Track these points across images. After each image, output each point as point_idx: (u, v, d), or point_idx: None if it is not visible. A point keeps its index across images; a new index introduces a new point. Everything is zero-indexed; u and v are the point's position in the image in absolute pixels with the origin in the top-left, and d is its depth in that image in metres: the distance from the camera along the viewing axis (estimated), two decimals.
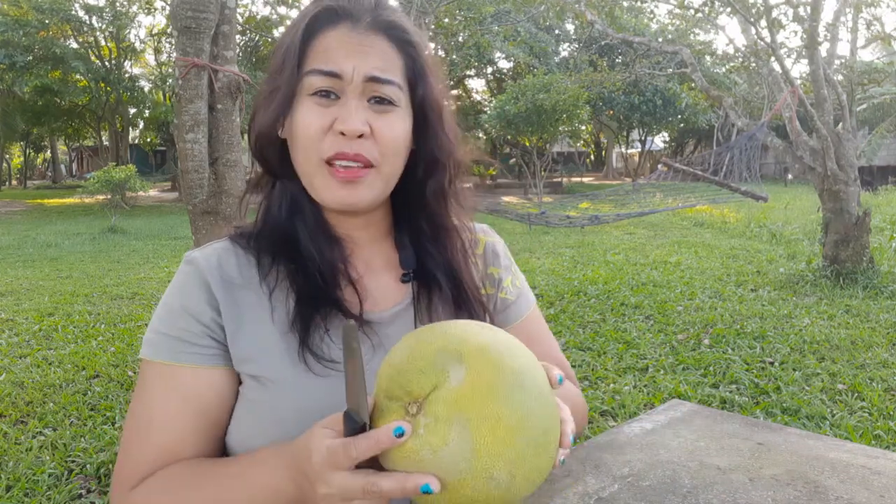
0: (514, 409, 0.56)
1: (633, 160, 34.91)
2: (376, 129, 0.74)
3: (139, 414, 0.75)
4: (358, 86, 0.73)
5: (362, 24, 0.75)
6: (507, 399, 0.56)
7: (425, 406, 0.57)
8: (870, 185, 18.07)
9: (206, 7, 2.66)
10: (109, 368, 3.98)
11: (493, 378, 0.57)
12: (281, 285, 0.77)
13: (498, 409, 0.56)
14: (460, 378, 0.57)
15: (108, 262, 8.57)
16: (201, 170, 2.74)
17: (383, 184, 0.77)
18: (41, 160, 42.84)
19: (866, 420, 3.11)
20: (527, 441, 0.57)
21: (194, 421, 0.74)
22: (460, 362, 0.58)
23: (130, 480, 0.73)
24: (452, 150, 0.82)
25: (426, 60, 0.78)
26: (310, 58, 0.74)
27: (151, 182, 22.59)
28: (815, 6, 5.91)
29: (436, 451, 0.55)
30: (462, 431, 0.55)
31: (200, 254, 0.80)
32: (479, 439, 0.55)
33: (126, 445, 0.75)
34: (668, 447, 0.88)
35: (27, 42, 19.42)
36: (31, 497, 2.51)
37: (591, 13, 7.80)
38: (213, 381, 0.75)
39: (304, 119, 0.74)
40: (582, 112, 16.88)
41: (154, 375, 0.75)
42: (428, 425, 0.56)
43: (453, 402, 0.56)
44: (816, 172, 6.02)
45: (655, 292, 5.92)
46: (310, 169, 0.75)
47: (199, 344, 0.75)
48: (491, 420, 0.56)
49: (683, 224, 12.01)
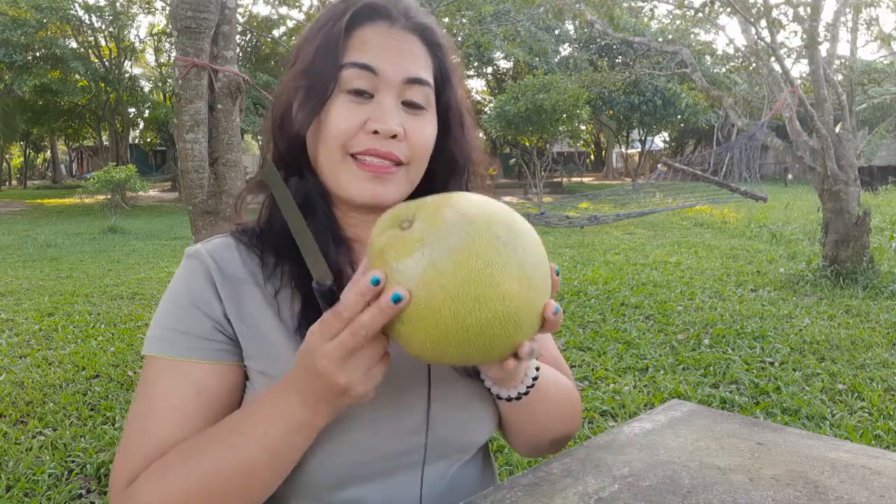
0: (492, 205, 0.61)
1: (633, 160, 34.91)
2: (409, 130, 0.74)
3: (141, 410, 0.73)
4: (396, 86, 0.74)
5: (399, 23, 0.76)
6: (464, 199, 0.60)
7: (416, 216, 0.59)
8: (870, 185, 18.06)
9: (206, 7, 2.67)
10: (109, 368, 3.98)
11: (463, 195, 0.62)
12: (286, 285, 0.76)
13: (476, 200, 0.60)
14: (437, 198, 0.61)
15: (108, 262, 8.57)
16: (201, 170, 2.74)
17: (409, 184, 0.77)
18: (41, 160, 42.85)
19: (866, 420, 3.11)
20: (517, 220, 0.60)
21: (201, 417, 0.72)
22: (437, 196, 0.62)
23: (128, 477, 0.70)
24: (471, 152, 0.83)
25: (452, 64, 0.80)
26: (348, 49, 0.74)
27: (151, 182, 22.63)
28: (815, 6, 5.91)
29: (439, 227, 0.57)
30: (456, 214, 0.57)
31: (203, 248, 0.79)
32: (473, 212, 0.57)
33: (125, 442, 0.73)
34: (668, 447, 0.88)
35: (26, 41, 19.43)
36: (31, 497, 2.51)
37: (590, 13, 7.81)
38: (222, 377, 0.74)
39: (338, 116, 0.73)
40: (582, 112, 16.91)
41: (159, 371, 0.73)
42: (423, 221, 0.58)
43: (435, 208, 0.59)
44: (816, 172, 6.02)
45: (655, 292, 5.92)
46: (335, 163, 0.74)
47: (207, 339, 0.73)
48: (475, 204, 0.59)
49: (683, 224, 12.01)
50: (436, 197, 0.61)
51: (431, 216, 0.58)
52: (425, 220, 0.58)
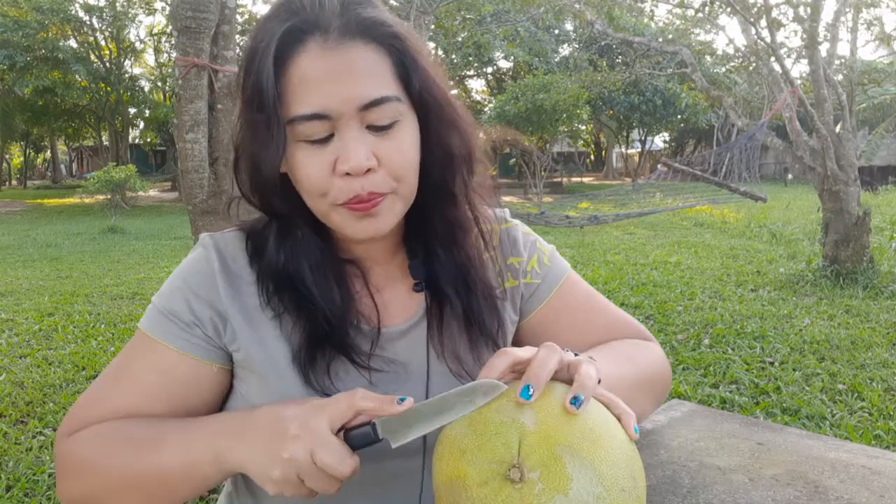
0: (593, 417, 0.55)
1: (633, 160, 34.89)
2: (383, 157, 0.67)
3: (113, 371, 0.75)
4: (353, 117, 0.65)
5: (333, 32, 0.65)
6: (582, 412, 0.55)
7: (524, 463, 0.52)
8: (870, 185, 18.05)
9: (206, 7, 2.67)
10: None
11: (559, 401, 0.56)
12: (288, 313, 0.75)
13: (583, 423, 0.54)
14: (533, 419, 0.54)
15: (108, 262, 8.57)
16: (201, 170, 2.74)
17: (403, 203, 0.71)
18: (41, 160, 42.82)
19: (866, 420, 3.11)
20: (617, 441, 0.55)
21: (164, 399, 0.73)
22: (521, 408, 0.55)
23: (75, 426, 0.73)
24: (466, 137, 0.74)
25: (414, 48, 0.69)
26: (288, 97, 0.65)
27: (151, 182, 22.61)
28: (815, 6, 5.91)
29: (567, 492, 0.51)
30: (574, 460, 0.52)
31: (213, 242, 0.78)
32: (592, 457, 0.52)
33: (88, 393, 0.75)
34: (668, 447, 0.88)
35: (27, 43, 19.43)
36: (31, 497, 2.51)
37: (590, 13, 7.80)
38: (193, 369, 0.74)
39: (303, 168, 0.67)
40: (582, 112, 16.90)
41: (140, 344, 0.75)
42: (542, 476, 0.52)
43: (545, 438, 0.53)
44: (816, 172, 6.02)
45: (655, 292, 5.92)
46: (322, 212, 0.70)
47: (185, 331, 0.74)
48: (587, 435, 0.53)
49: (683, 224, 12.01)
50: (537, 421, 0.54)
51: (549, 468, 0.52)
52: (545, 479, 0.52)
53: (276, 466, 0.60)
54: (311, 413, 0.62)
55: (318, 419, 0.61)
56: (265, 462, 0.61)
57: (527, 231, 0.89)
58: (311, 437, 0.60)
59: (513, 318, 0.85)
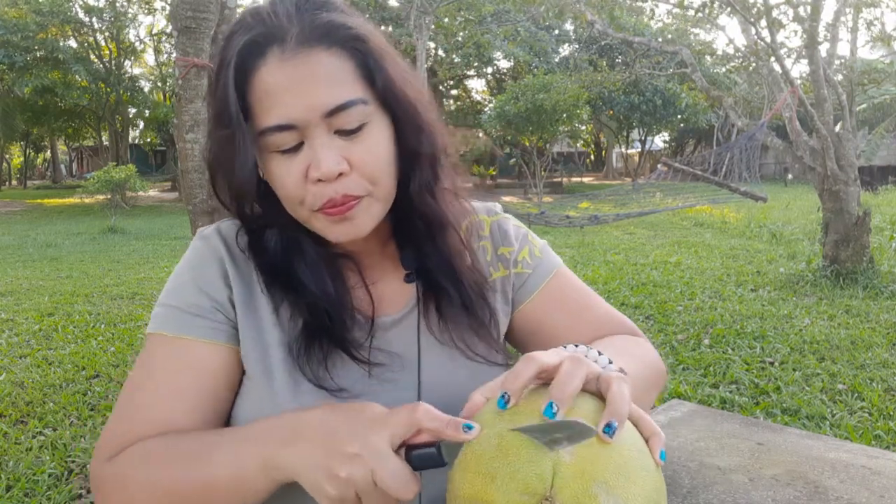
0: (627, 446, 0.54)
1: (633, 160, 34.89)
2: (355, 160, 0.67)
3: (136, 382, 0.72)
4: (319, 124, 0.66)
5: (290, 42, 0.65)
6: (616, 443, 0.54)
7: (556, 496, 0.51)
8: (870, 185, 18.05)
9: (206, 7, 2.67)
10: (109, 368, 3.98)
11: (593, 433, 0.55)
12: (286, 303, 0.75)
13: (619, 455, 0.53)
14: (570, 449, 0.53)
15: (108, 262, 8.57)
16: (201, 170, 2.74)
17: (381, 204, 0.72)
18: (41, 160, 42.82)
19: (866, 420, 3.11)
20: (649, 473, 0.54)
21: (196, 395, 0.71)
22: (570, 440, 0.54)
23: (110, 450, 0.69)
24: (434, 136, 0.74)
25: (377, 48, 0.69)
26: (256, 109, 0.66)
27: (151, 182, 22.63)
28: (815, 6, 5.91)
29: None
30: (609, 499, 0.51)
31: (214, 231, 0.78)
32: (626, 495, 0.52)
33: (117, 411, 0.72)
34: (668, 447, 0.88)
35: (26, 44, 19.45)
36: (31, 497, 2.51)
37: (590, 13, 7.80)
38: (220, 356, 0.73)
39: (278, 178, 0.68)
40: (582, 112, 16.89)
41: (157, 347, 0.73)
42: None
43: (581, 473, 0.52)
44: (816, 172, 6.02)
45: (655, 292, 5.92)
46: (303, 218, 0.71)
47: (209, 318, 0.73)
48: (622, 469, 0.52)
49: (683, 224, 12.01)
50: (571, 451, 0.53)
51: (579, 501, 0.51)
52: None
53: (332, 484, 0.57)
54: (371, 428, 0.58)
55: (380, 436, 0.57)
56: (321, 477, 0.57)
57: (518, 224, 0.90)
58: (372, 456, 0.56)
59: (505, 308, 0.85)
